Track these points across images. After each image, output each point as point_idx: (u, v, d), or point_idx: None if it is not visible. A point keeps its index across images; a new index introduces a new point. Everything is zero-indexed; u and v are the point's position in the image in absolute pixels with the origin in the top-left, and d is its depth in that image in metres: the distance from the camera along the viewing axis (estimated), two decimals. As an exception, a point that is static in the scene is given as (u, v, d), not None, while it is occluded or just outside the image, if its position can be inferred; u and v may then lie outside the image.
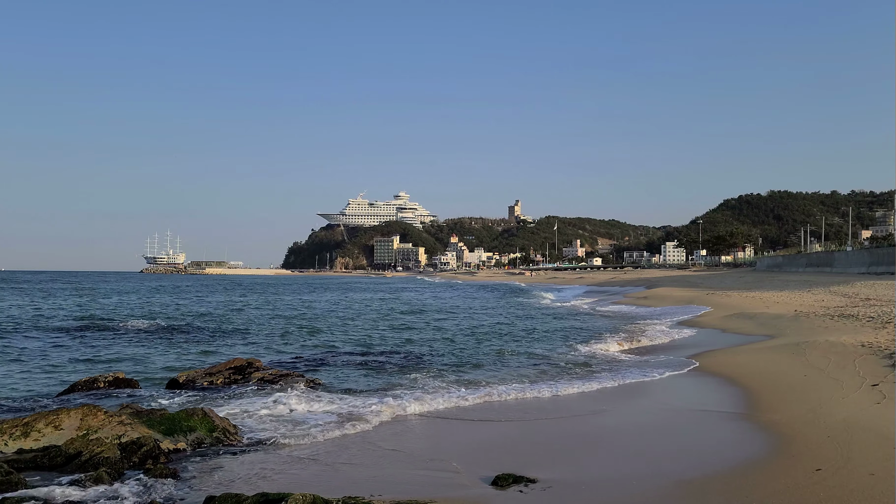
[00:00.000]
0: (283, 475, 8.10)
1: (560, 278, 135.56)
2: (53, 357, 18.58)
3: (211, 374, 14.58)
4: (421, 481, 7.81)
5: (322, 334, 26.27)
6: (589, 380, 14.34)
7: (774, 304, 29.84)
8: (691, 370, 15.09)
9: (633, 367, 16.18)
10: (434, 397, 12.63)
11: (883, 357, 12.72)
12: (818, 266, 70.72)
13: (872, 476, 6.77)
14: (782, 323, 21.55)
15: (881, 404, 9.47)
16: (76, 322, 31.33)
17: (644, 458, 8.45)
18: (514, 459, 8.47)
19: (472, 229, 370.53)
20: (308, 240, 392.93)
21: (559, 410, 11.63)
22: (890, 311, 21.19)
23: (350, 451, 9.18)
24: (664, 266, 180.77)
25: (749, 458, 8.12)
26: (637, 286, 69.75)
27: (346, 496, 6.87)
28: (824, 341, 15.52)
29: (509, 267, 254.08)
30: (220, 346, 22.22)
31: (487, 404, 12.25)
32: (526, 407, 11.99)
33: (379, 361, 17.90)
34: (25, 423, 9.25)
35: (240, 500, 6.67)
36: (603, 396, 12.70)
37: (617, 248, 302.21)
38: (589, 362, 17.22)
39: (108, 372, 14.79)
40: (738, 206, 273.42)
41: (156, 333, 25.87)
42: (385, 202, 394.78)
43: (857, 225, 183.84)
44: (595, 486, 7.43)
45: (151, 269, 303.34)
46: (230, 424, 10.07)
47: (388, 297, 64.98)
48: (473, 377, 15.25)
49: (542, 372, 15.89)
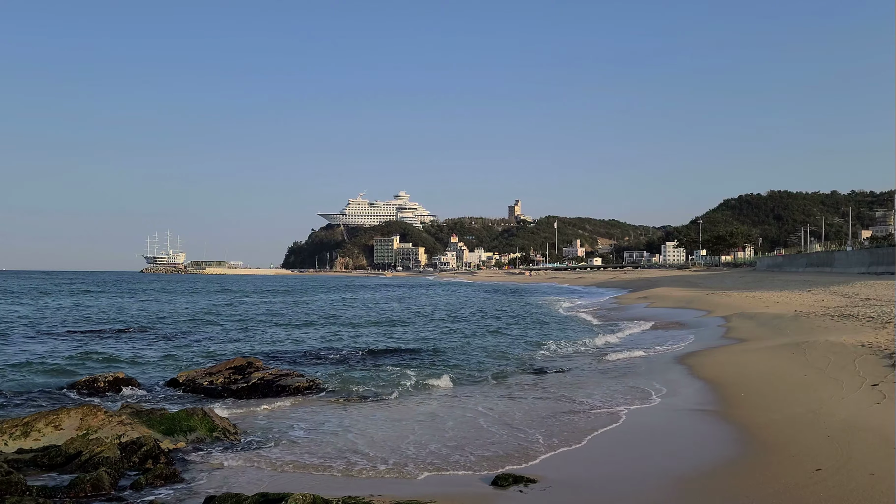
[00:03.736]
0: (283, 475, 8.10)
1: (560, 278, 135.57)
2: (53, 357, 18.56)
3: (211, 373, 14.58)
4: (421, 481, 7.81)
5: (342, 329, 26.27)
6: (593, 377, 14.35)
7: (774, 304, 29.83)
8: (691, 370, 15.08)
9: (631, 366, 16.18)
10: (425, 397, 12.68)
11: (883, 357, 12.71)
12: (818, 266, 70.72)
13: (872, 476, 6.77)
14: (782, 323, 21.54)
15: (881, 404, 9.46)
16: (76, 322, 31.33)
17: (643, 458, 8.45)
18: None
19: (472, 229, 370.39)
20: (308, 240, 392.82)
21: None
22: (890, 311, 21.18)
23: (351, 450, 9.18)
24: (664, 266, 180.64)
25: (749, 458, 8.11)
26: (637, 286, 69.75)
27: (346, 496, 6.87)
28: (824, 341, 15.51)
29: (509, 267, 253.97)
30: (219, 345, 22.24)
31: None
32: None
33: (384, 358, 17.93)
34: (25, 422, 9.26)
35: (240, 499, 6.67)
36: (599, 394, 12.71)
37: (617, 248, 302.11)
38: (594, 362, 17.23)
39: (107, 372, 14.79)
40: (738, 206, 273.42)
41: (156, 334, 25.86)
42: (385, 202, 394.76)
43: (857, 225, 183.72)
44: (595, 486, 7.43)
45: (151, 269, 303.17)
46: (230, 424, 10.07)
47: (404, 296, 64.97)
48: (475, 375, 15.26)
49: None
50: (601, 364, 17.00)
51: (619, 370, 15.82)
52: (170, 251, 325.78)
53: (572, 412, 11.34)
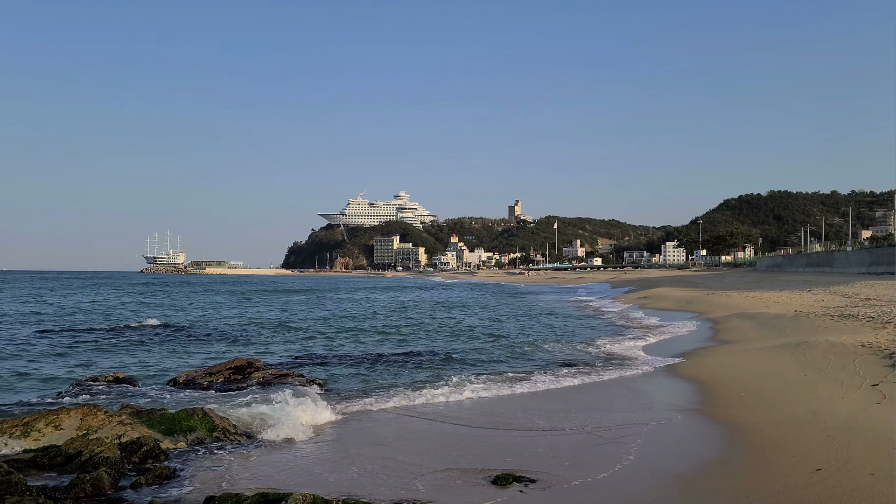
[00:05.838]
0: (283, 475, 8.10)
1: (560, 278, 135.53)
2: (53, 356, 18.57)
3: (211, 373, 14.59)
4: (422, 481, 7.81)
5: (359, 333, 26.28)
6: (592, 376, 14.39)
7: (774, 304, 29.83)
8: (691, 370, 15.08)
9: (628, 366, 16.19)
10: (418, 395, 12.78)
11: (883, 357, 12.71)
12: (818, 266, 70.66)
13: (872, 476, 6.77)
14: (782, 323, 21.53)
15: (881, 404, 9.46)
16: (76, 322, 31.33)
17: (642, 457, 8.44)
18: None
19: (472, 229, 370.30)
20: (308, 240, 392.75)
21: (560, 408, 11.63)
22: (890, 311, 21.18)
23: (350, 450, 9.18)
24: (664, 266, 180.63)
25: (749, 457, 8.11)
26: (638, 286, 69.73)
27: (346, 496, 6.87)
28: (824, 341, 15.51)
29: (509, 267, 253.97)
30: (220, 347, 22.24)
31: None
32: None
33: (392, 361, 17.93)
34: (25, 422, 9.25)
35: (240, 500, 6.67)
36: (602, 394, 12.71)
37: (617, 248, 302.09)
38: (594, 361, 17.25)
39: (108, 371, 14.79)
40: (738, 206, 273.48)
41: (156, 333, 25.87)
42: (385, 202, 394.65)
43: (857, 225, 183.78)
44: (595, 486, 7.43)
45: (151, 268, 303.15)
46: (230, 424, 10.07)
47: (425, 296, 64.97)
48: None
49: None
50: (600, 362, 17.02)
51: (604, 366, 15.83)
52: (170, 251, 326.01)
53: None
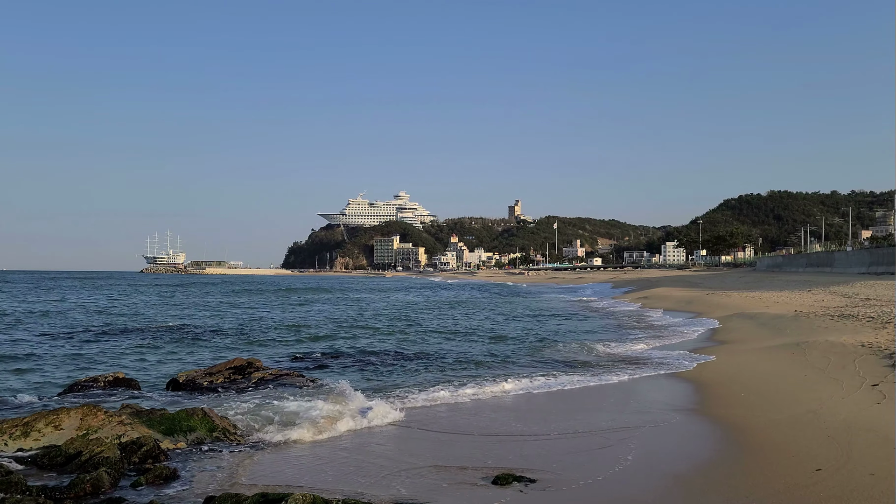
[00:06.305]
0: (283, 475, 8.10)
1: (560, 278, 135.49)
2: (53, 356, 18.57)
3: (211, 373, 14.57)
4: (422, 481, 7.80)
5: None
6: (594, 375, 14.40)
7: (774, 304, 29.83)
8: (690, 370, 15.08)
9: (629, 366, 16.18)
10: (419, 396, 12.81)
11: (883, 357, 12.72)
12: (818, 266, 70.67)
13: (872, 476, 6.77)
14: (782, 323, 21.54)
15: (881, 404, 9.47)
16: (76, 322, 31.32)
17: (642, 458, 8.44)
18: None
19: (472, 229, 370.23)
20: (308, 240, 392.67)
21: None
22: (890, 311, 21.18)
23: (349, 450, 9.18)
24: (664, 266, 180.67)
25: (749, 457, 8.11)
26: (638, 286, 69.72)
27: (345, 496, 6.87)
28: (824, 341, 15.51)
29: (509, 267, 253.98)
30: (221, 347, 22.25)
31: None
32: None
33: (381, 360, 17.92)
34: (25, 422, 9.25)
35: (240, 500, 6.66)
36: (602, 394, 12.72)
37: (617, 248, 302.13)
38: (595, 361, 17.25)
39: (108, 372, 14.79)
40: (738, 206, 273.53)
41: (157, 334, 25.86)
42: (385, 202, 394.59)
43: (857, 225, 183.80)
44: (595, 486, 7.43)
45: (151, 268, 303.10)
46: (230, 424, 10.06)
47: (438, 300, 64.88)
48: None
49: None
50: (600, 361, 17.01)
51: (606, 366, 15.83)
52: (170, 251, 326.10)
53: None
